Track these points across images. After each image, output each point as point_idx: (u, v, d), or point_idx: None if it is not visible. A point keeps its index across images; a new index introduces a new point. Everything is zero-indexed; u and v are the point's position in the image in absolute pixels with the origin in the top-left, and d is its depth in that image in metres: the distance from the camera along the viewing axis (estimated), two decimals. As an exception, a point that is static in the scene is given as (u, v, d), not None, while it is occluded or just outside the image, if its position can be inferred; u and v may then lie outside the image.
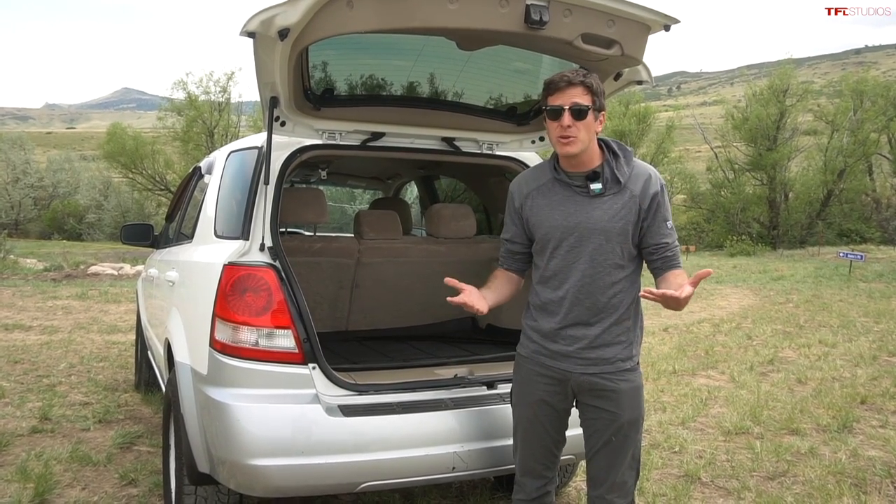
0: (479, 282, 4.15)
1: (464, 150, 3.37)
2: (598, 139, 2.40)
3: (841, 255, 21.19)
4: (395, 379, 2.93)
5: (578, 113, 2.27)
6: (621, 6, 2.38)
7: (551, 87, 2.32)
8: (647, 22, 2.45)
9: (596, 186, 2.35)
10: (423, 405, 2.77)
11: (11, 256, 19.04)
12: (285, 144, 2.98)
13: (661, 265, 2.41)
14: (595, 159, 2.38)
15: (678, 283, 2.29)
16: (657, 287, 2.38)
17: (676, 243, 2.44)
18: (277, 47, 2.35)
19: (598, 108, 2.32)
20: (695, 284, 2.17)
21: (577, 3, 2.34)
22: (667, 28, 2.48)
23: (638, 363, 2.48)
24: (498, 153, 3.43)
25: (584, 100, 2.27)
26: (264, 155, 2.81)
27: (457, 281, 2.49)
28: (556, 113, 2.29)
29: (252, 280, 2.64)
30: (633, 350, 2.45)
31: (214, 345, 2.64)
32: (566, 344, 2.41)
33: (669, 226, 2.40)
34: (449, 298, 2.47)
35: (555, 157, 2.46)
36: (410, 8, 2.23)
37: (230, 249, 2.78)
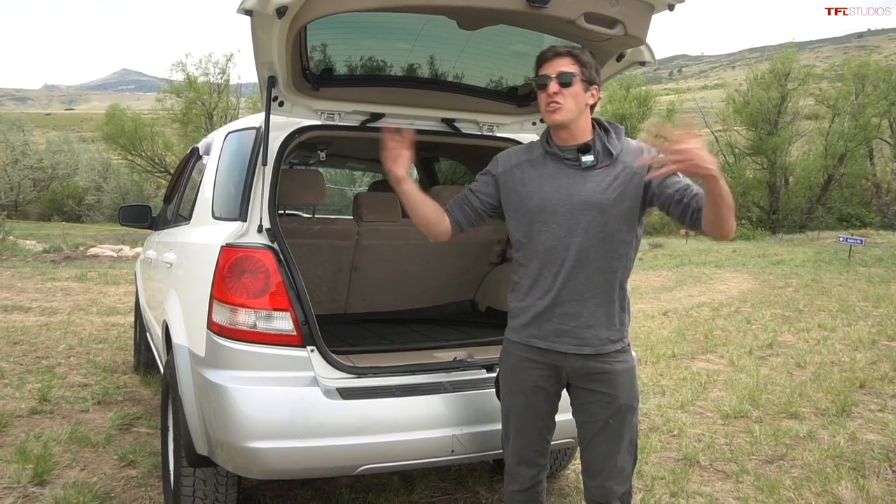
0: (477, 266, 4.16)
1: (464, 131, 3.34)
2: (591, 118, 2.37)
3: (841, 239, 21.19)
4: (394, 362, 2.92)
5: (565, 80, 2.26)
6: None
7: (540, 60, 2.33)
8: (650, 1, 2.41)
9: (587, 158, 2.32)
10: (422, 388, 2.76)
11: (11, 238, 19.02)
12: (283, 125, 2.94)
13: (696, 203, 2.22)
14: (587, 134, 2.35)
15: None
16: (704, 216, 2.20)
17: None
18: (275, 25, 2.31)
19: (589, 80, 2.30)
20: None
21: None
22: (671, 7, 2.43)
23: (629, 344, 2.44)
24: (498, 135, 3.40)
25: (570, 68, 2.27)
26: (262, 135, 2.78)
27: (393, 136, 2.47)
28: (544, 82, 2.30)
29: (250, 262, 2.62)
30: (624, 331, 2.41)
31: (212, 327, 2.63)
32: (560, 322, 2.34)
33: (681, 175, 2.25)
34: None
35: (547, 131, 2.43)
36: None
37: (228, 231, 2.76)
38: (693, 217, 2.25)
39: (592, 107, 2.36)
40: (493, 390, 2.73)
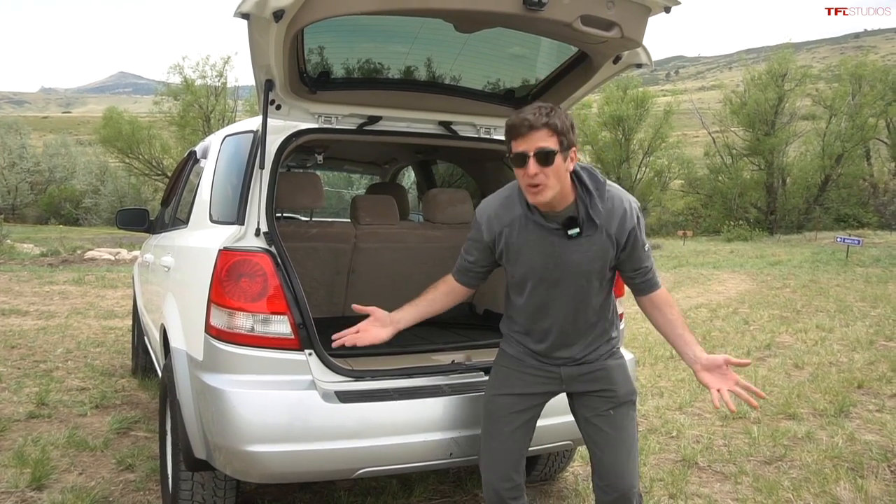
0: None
1: (461, 134, 3.34)
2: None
3: (838, 240, 21.23)
4: (392, 365, 2.92)
5: (545, 158, 2.12)
6: None
7: (513, 132, 2.16)
8: (647, 3, 2.41)
9: (573, 232, 2.27)
10: (420, 391, 2.76)
11: (8, 241, 19.00)
12: (281, 128, 2.94)
13: (644, 287, 2.44)
14: (567, 197, 2.25)
15: (693, 348, 2.42)
16: (645, 308, 2.48)
17: (653, 261, 2.46)
18: (272, 29, 2.31)
19: (567, 147, 2.17)
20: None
21: None
22: (667, 10, 2.44)
23: (618, 347, 2.56)
24: (496, 137, 3.40)
25: (549, 143, 2.12)
26: (260, 139, 2.78)
27: (361, 306, 2.55)
28: (521, 160, 2.15)
29: (247, 265, 2.62)
30: (612, 342, 2.52)
31: (210, 331, 2.63)
32: (554, 360, 2.46)
33: (647, 248, 2.40)
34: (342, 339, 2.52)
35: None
36: None
37: (225, 234, 2.75)
38: (634, 292, 2.48)
39: None
40: None
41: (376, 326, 2.54)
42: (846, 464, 4.04)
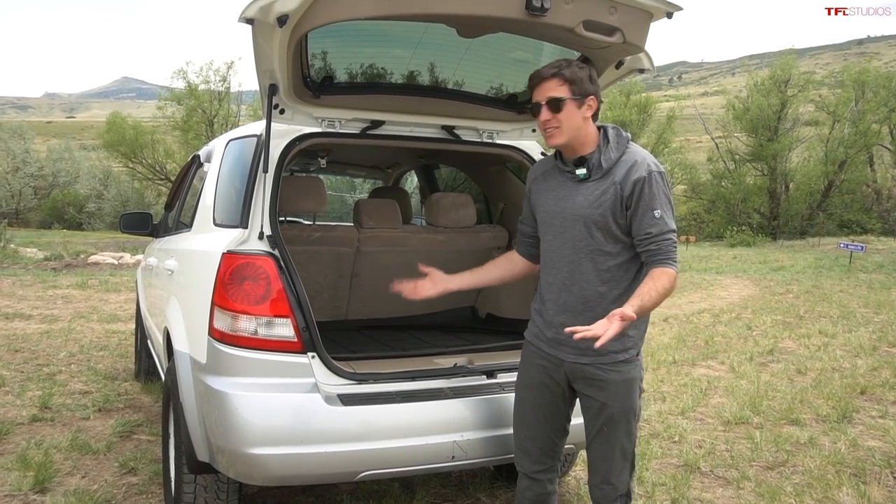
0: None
1: (464, 138, 3.35)
2: (599, 125, 2.40)
3: (841, 245, 21.23)
4: (395, 368, 2.92)
5: (555, 106, 2.31)
6: None
7: (531, 84, 2.39)
8: (649, 9, 2.42)
9: (580, 172, 2.37)
10: (422, 394, 2.77)
11: (11, 246, 19.03)
12: (284, 132, 2.96)
13: (646, 259, 2.30)
14: (590, 145, 2.39)
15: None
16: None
17: (668, 236, 2.27)
18: (276, 34, 2.33)
19: (581, 95, 2.31)
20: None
21: None
22: (669, 15, 2.46)
23: (637, 355, 2.42)
24: (498, 142, 3.41)
25: (558, 92, 2.30)
26: (263, 143, 2.79)
27: (425, 267, 2.69)
28: (536, 109, 2.36)
29: (251, 269, 2.63)
30: (627, 342, 2.36)
31: (213, 333, 2.63)
32: (558, 332, 2.39)
33: (657, 215, 2.26)
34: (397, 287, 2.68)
35: None
36: None
37: (229, 238, 2.77)
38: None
39: (596, 113, 2.38)
40: (494, 396, 2.82)
41: (427, 283, 2.69)
42: (849, 470, 4.04)
